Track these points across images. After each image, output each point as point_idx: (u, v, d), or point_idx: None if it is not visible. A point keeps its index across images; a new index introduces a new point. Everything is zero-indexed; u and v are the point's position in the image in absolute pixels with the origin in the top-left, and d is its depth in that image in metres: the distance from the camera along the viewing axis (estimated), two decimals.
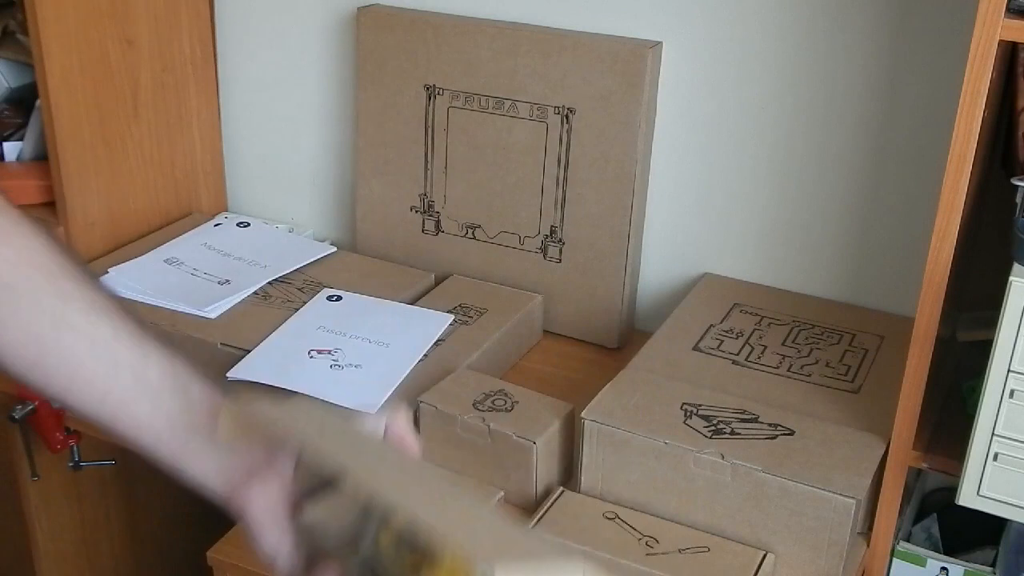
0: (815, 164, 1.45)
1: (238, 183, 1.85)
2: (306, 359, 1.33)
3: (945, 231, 1.02)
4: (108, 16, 1.56)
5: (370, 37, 1.59)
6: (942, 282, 1.04)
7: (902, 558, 1.21)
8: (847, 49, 1.38)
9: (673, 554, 1.11)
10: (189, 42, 1.71)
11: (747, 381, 1.29)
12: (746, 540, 1.14)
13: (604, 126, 1.47)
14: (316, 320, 1.42)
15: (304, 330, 1.40)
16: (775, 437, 1.17)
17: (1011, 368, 0.99)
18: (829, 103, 1.41)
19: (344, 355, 1.35)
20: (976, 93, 0.96)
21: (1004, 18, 0.93)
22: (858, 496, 1.09)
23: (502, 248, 1.59)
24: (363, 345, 1.37)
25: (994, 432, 1.02)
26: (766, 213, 1.50)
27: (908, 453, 1.13)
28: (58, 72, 1.49)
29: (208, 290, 1.50)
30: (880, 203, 1.43)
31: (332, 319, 1.43)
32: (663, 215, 1.56)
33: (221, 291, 1.49)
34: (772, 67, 1.43)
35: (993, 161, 1.20)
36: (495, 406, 1.24)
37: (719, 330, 1.40)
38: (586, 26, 1.50)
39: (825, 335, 1.40)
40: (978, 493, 1.04)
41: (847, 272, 1.48)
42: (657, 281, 1.60)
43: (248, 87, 1.80)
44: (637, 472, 1.17)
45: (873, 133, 1.40)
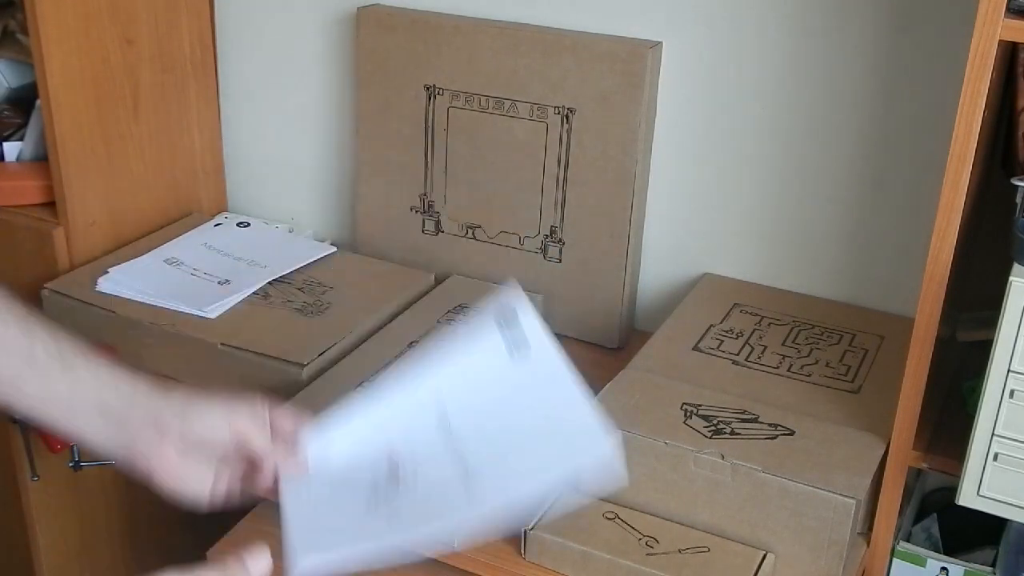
0: (815, 164, 1.45)
1: (238, 183, 1.85)
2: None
3: (945, 231, 1.02)
4: (108, 16, 1.56)
5: (370, 37, 1.59)
6: (942, 282, 1.04)
7: (902, 558, 1.21)
8: (847, 49, 1.38)
9: (673, 554, 1.11)
10: (189, 42, 1.71)
11: (747, 381, 1.29)
12: (746, 540, 1.14)
13: (604, 126, 1.47)
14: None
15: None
16: (775, 437, 1.17)
17: (1011, 368, 0.99)
18: (829, 103, 1.41)
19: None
20: (976, 93, 0.96)
21: (1004, 18, 0.93)
22: (858, 496, 1.09)
23: (502, 248, 1.59)
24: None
25: (994, 432, 1.02)
26: (766, 213, 1.50)
27: (908, 453, 1.13)
28: (58, 72, 1.49)
29: (208, 290, 1.50)
30: (880, 203, 1.43)
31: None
32: (663, 215, 1.56)
33: (221, 291, 1.50)
34: (772, 67, 1.43)
35: (993, 161, 1.20)
36: None
37: (719, 330, 1.40)
38: (586, 26, 1.50)
39: (825, 335, 1.40)
40: (978, 493, 1.04)
41: (847, 272, 1.48)
42: (657, 281, 1.60)
43: (248, 87, 1.80)
44: (637, 472, 1.17)
45: (873, 133, 1.40)
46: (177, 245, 1.63)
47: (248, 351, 1.37)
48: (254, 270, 1.56)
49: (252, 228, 1.71)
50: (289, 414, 0.92)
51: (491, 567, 1.16)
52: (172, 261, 1.58)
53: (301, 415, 0.93)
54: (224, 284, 1.52)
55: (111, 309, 1.46)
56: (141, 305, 1.47)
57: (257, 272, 1.55)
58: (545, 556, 1.14)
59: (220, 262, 1.58)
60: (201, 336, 1.40)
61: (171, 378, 1.43)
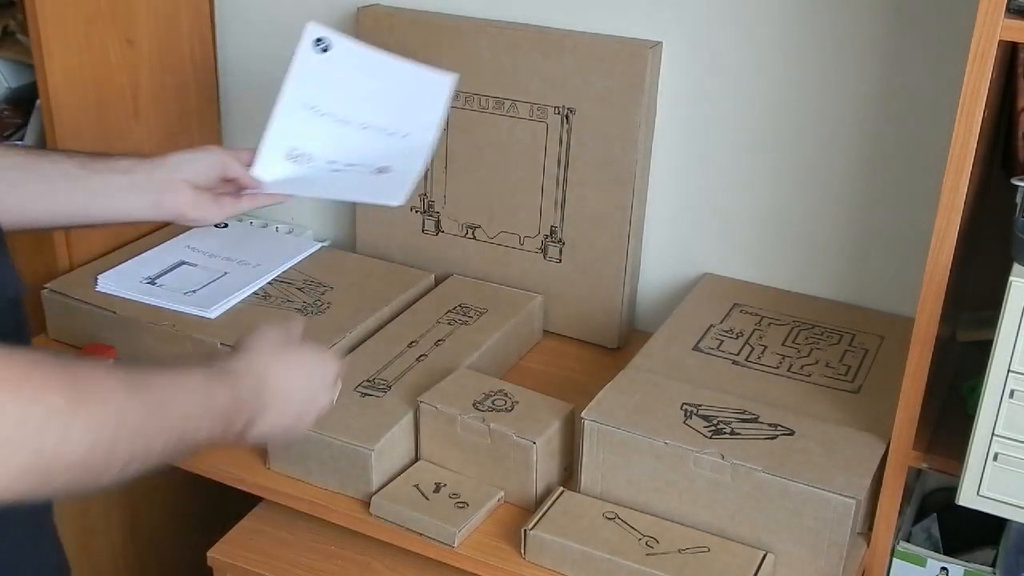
0: (815, 164, 1.45)
1: None
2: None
3: (945, 231, 1.02)
4: (108, 16, 1.56)
5: (370, 37, 1.58)
6: (942, 282, 1.04)
7: (902, 558, 1.21)
8: (847, 49, 1.38)
9: (673, 554, 1.11)
10: (189, 42, 1.71)
11: (747, 381, 1.29)
12: (746, 540, 1.14)
13: (604, 126, 1.47)
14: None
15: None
16: (775, 437, 1.17)
17: (1011, 368, 0.99)
18: (829, 102, 1.41)
19: None
20: (976, 93, 0.96)
21: (1004, 18, 0.93)
22: (858, 496, 1.09)
23: (502, 248, 1.59)
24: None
25: (994, 432, 1.02)
26: (766, 213, 1.50)
27: (908, 453, 1.13)
28: (58, 72, 1.49)
29: (208, 290, 1.50)
30: (880, 203, 1.43)
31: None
32: (663, 215, 1.56)
33: (221, 291, 1.50)
34: (772, 67, 1.43)
35: (993, 161, 1.20)
36: (495, 406, 1.24)
37: (719, 330, 1.40)
38: (586, 26, 1.50)
39: (825, 335, 1.40)
40: (978, 493, 1.04)
41: (847, 272, 1.48)
42: (657, 281, 1.60)
43: (248, 87, 1.79)
44: (637, 472, 1.17)
45: (873, 133, 1.40)
46: (176, 245, 1.63)
47: None
48: (247, 270, 1.56)
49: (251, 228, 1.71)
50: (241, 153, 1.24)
51: (491, 567, 1.16)
52: (173, 261, 1.58)
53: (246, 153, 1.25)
54: (224, 284, 1.51)
55: (111, 309, 1.46)
56: (141, 305, 1.47)
57: (251, 272, 1.55)
58: (545, 556, 1.14)
59: (219, 262, 1.58)
60: (201, 336, 1.40)
61: None
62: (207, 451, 1.31)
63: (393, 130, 1.27)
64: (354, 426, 1.24)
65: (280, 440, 1.19)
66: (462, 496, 1.22)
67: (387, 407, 1.27)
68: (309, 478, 1.26)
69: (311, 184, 1.25)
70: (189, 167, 1.18)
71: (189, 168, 1.18)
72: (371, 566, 1.29)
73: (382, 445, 1.22)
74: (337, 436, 1.23)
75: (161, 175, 1.16)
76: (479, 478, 1.24)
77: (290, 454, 1.26)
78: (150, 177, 1.16)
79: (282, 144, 1.25)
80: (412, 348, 1.40)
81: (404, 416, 1.26)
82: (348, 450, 1.22)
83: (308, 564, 1.30)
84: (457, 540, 1.17)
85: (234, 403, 0.86)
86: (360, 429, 1.23)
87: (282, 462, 1.28)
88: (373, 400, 1.29)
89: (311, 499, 1.25)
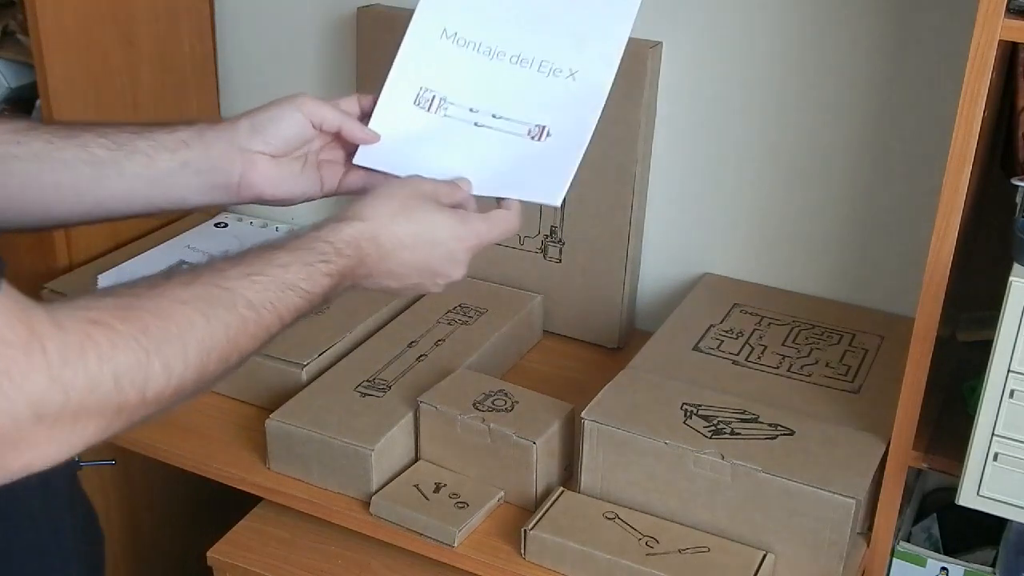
0: (815, 164, 1.45)
1: None
2: None
3: (945, 231, 1.02)
4: (108, 16, 1.55)
5: (370, 37, 1.59)
6: (942, 282, 1.04)
7: (902, 558, 1.21)
8: (847, 49, 1.38)
9: (673, 554, 1.11)
10: (189, 42, 1.71)
11: (747, 381, 1.29)
12: (746, 540, 1.14)
13: (604, 126, 1.46)
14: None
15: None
16: (775, 437, 1.17)
17: (1011, 368, 0.99)
18: (829, 102, 1.41)
19: None
20: (976, 93, 0.96)
21: (1004, 18, 0.93)
22: (858, 496, 1.09)
23: (502, 248, 1.59)
24: None
25: (994, 432, 1.01)
26: (766, 213, 1.50)
27: (908, 453, 1.13)
28: (58, 72, 1.49)
29: None
30: (880, 203, 1.43)
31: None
32: (663, 215, 1.56)
33: None
34: (772, 67, 1.43)
35: (993, 161, 1.20)
36: (495, 406, 1.24)
37: (719, 330, 1.40)
38: None
39: (825, 335, 1.40)
40: (978, 493, 1.04)
41: (847, 272, 1.48)
42: (657, 281, 1.60)
43: (248, 87, 1.79)
44: (637, 472, 1.17)
45: (873, 133, 1.40)
46: (177, 245, 1.63)
47: None
48: None
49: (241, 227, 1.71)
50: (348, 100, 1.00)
51: (491, 567, 1.16)
52: (173, 261, 1.58)
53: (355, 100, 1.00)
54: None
55: None
56: None
57: None
58: (545, 556, 1.14)
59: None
60: None
61: None
62: (207, 451, 1.32)
63: (558, 65, 0.98)
64: (354, 426, 1.24)
65: None
66: (462, 496, 1.22)
67: (387, 407, 1.27)
68: (309, 478, 1.26)
69: (441, 147, 0.96)
70: (261, 134, 0.93)
71: (261, 136, 0.93)
72: (371, 566, 1.29)
73: (382, 445, 1.22)
74: (337, 436, 1.23)
75: (223, 150, 0.93)
76: (479, 478, 1.24)
77: (290, 454, 1.26)
78: (207, 154, 0.92)
79: (409, 84, 0.97)
80: (412, 348, 1.40)
81: (404, 416, 1.26)
82: (348, 450, 1.22)
83: (308, 564, 1.29)
84: (457, 540, 1.17)
85: (336, 275, 0.83)
86: (360, 429, 1.23)
87: (282, 462, 1.28)
88: (373, 400, 1.29)
89: (311, 499, 1.25)
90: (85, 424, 0.64)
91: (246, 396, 1.39)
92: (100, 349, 0.63)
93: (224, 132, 0.93)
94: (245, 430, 1.35)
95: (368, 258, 0.87)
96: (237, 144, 0.93)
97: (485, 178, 0.96)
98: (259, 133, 0.93)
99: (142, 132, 0.93)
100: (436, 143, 0.96)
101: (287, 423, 1.25)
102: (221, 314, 0.74)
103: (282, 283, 0.79)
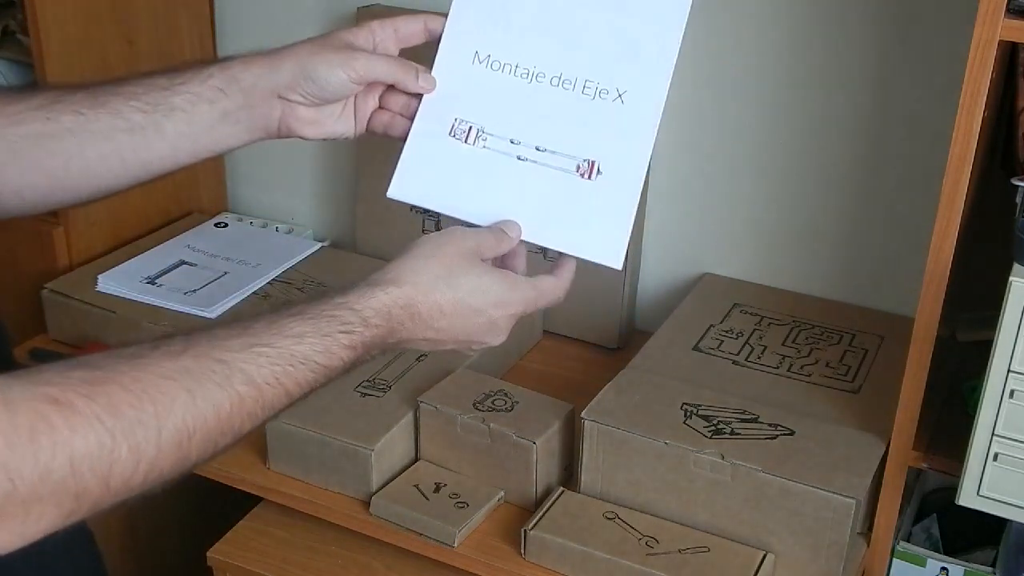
0: (815, 164, 1.45)
1: (238, 183, 1.85)
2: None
3: (945, 231, 1.02)
4: (108, 16, 1.55)
5: None
6: (942, 282, 1.04)
7: (902, 558, 1.21)
8: (847, 48, 1.38)
9: (673, 554, 1.11)
10: (189, 42, 1.71)
11: (747, 381, 1.29)
12: (746, 540, 1.14)
13: None
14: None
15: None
16: (775, 437, 1.17)
17: (1011, 368, 0.99)
18: (829, 102, 1.41)
19: None
20: (976, 93, 0.96)
21: (1004, 18, 0.93)
22: (858, 496, 1.09)
23: None
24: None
25: (994, 432, 1.01)
26: (766, 213, 1.50)
27: (908, 453, 1.13)
28: (58, 72, 1.49)
29: (208, 290, 1.50)
30: (880, 203, 1.43)
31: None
32: (663, 215, 1.56)
33: (221, 291, 1.50)
34: (772, 67, 1.43)
35: (993, 161, 1.20)
36: (495, 406, 1.24)
37: (719, 330, 1.40)
38: None
39: (825, 335, 1.40)
40: (978, 493, 1.04)
41: (847, 272, 1.48)
42: (657, 281, 1.60)
43: None
44: (637, 472, 1.17)
45: (873, 133, 1.40)
46: (177, 245, 1.63)
47: None
48: (248, 270, 1.56)
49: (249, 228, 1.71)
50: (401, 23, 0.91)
51: (491, 567, 1.16)
52: (173, 261, 1.58)
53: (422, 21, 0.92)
54: (224, 284, 1.52)
55: (111, 309, 1.46)
56: (141, 305, 1.47)
57: (251, 271, 1.55)
58: (545, 556, 1.14)
59: (219, 262, 1.58)
60: None
61: None
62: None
63: (604, 85, 0.89)
64: (354, 426, 1.24)
65: None
66: (462, 496, 1.22)
67: (387, 407, 1.27)
68: (309, 478, 1.26)
69: (481, 183, 0.89)
70: (303, 88, 0.87)
71: (303, 89, 0.87)
72: (371, 566, 1.29)
73: (382, 445, 1.22)
74: (337, 436, 1.22)
75: (262, 96, 0.88)
76: (479, 478, 1.24)
77: (290, 454, 1.26)
78: (247, 101, 0.88)
79: (442, 114, 0.90)
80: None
81: (404, 416, 1.26)
82: (348, 450, 1.22)
83: (308, 564, 1.29)
84: (457, 540, 1.17)
85: (360, 347, 0.76)
86: (360, 429, 1.23)
87: (282, 462, 1.28)
88: (373, 400, 1.29)
89: (311, 499, 1.25)
90: (39, 513, 0.58)
91: None
92: (55, 432, 0.58)
93: (262, 78, 0.87)
94: None
95: (401, 328, 0.80)
96: (276, 91, 0.87)
97: (532, 221, 0.89)
98: (301, 86, 0.87)
99: (173, 85, 0.88)
100: (476, 178, 0.89)
101: (287, 423, 1.25)
102: (211, 392, 0.66)
103: (292, 356, 0.72)
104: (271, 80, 0.87)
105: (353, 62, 0.86)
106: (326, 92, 0.87)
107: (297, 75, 0.86)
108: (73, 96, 0.87)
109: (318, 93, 0.87)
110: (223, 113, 0.88)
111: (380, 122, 0.92)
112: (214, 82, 0.88)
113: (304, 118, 0.89)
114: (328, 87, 0.87)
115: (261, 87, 0.87)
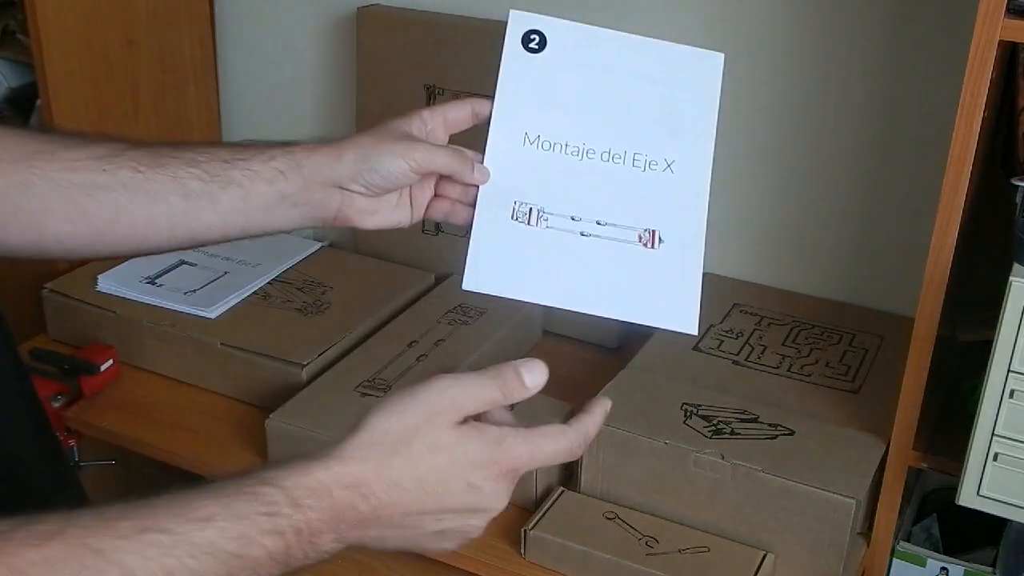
0: (815, 164, 1.45)
1: None
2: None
3: (945, 231, 1.02)
4: (108, 16, 1.56)
5: (370, 37, 1.59)
6: (942, 282, 1.04)
7: (902, 558, 1.21)
8: (847, 49, 1.38)
9: (673, 554, 1.11)
10: (189, 42, 1.71)
11: (747, 381, 1.29)
12: (746, 540, 1.13)
13: None
14: None
15: None
16: (775, 437, 1.17)
17: (1011, 368, 0.99)
18: (829, 102, 1.41)
19: None
20: (976, 93, 0.96)
21: (1004, 18, 0.93)
22: (858, 496, 1.09)
23: None
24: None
25: (994, 432, 1.01)
26: (766, 213, 1.50)
27: (908, 453, 1.13)
28: (58, 72, 1.49)
29: (208, 290, 1.50)
30: (880, 203, 1.43)
31: None
32: None
33: (221, 291, 1.50)
34: (772, 67, 1.43)
35: (993, 161, 1.20)
36: None
37: (719, 330, 1.40)
38: None
39: (825, 335, 1.40)
40: (978, 493, 1.04)
41: (847, 272, 1.48)
42: None
43: (248, 87, 1.79)
44: (637, 472, 1.17)
45: (873, 133, 1.40)
46: None
47: (248, 351, 1.37)
48: (248, 270, 1.56)
49: None
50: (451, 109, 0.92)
51: (491, 567, 1.16)
52: (172, 261, 1.58)
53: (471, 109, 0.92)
54: (223, 284, 1.52)
55: (111, 309, 1.46)
56: (141, 305, 1.47)
57: (252, 271, 1.55)
58: (545, 556, 1.14)
59: (219, 262, 1.58)
60: (201, 336, 1.40)
61: (173, 378, 1.44)
62: (207, 451, 1.32)
63: (652, 156, 0.91)
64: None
65: None
66: None
67: None
68: None
69: (551, 262, 0.91)
70: (364, 179, 0.86)
71: (364, 180, 0.86)
72: (371, 566, 1.29)
73: None
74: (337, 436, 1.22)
75: (321, 184, 0.86)
76: None
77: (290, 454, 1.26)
78: (306, 187, 0.86)
79: (502, 199, 0.90)
80: (412, 348, 1.40)
81: None
82: None
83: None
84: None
85: (290, 533, 0.65)
86: None
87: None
88: (373, 400, 1.29)
89: None
90: None
91: (246, 396, 1.39)
92: None
93: (323, 166, 0.86)
94: (245, 430, 1.34)
95: (352, 511, 0.69)
96: (337, 181, 0.86)
97: (602, 295, 0.91)
98: (363, 176, 0.86)
99: (234, 159, 0.86)
100: (545, 259, 0.90)
101: (287, 423, 1.25)
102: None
103: (192, 545, 0.59)
104: (333, 170, 0.86)
105: (413, 152, 0.86)
106: (388, 182, 0.86)
107: (360, 165, 0.86)
108: (134, 152, 0.86)
109: (380, 183, 0.86)
110: (281, 196, 0.86)
111: (440, 210, 0.91)
112: (276, 164, 0.86)
113: (363, 208, 0.87)
114: (390, 177, 0.86)
115: (322, 176, 0.86)
